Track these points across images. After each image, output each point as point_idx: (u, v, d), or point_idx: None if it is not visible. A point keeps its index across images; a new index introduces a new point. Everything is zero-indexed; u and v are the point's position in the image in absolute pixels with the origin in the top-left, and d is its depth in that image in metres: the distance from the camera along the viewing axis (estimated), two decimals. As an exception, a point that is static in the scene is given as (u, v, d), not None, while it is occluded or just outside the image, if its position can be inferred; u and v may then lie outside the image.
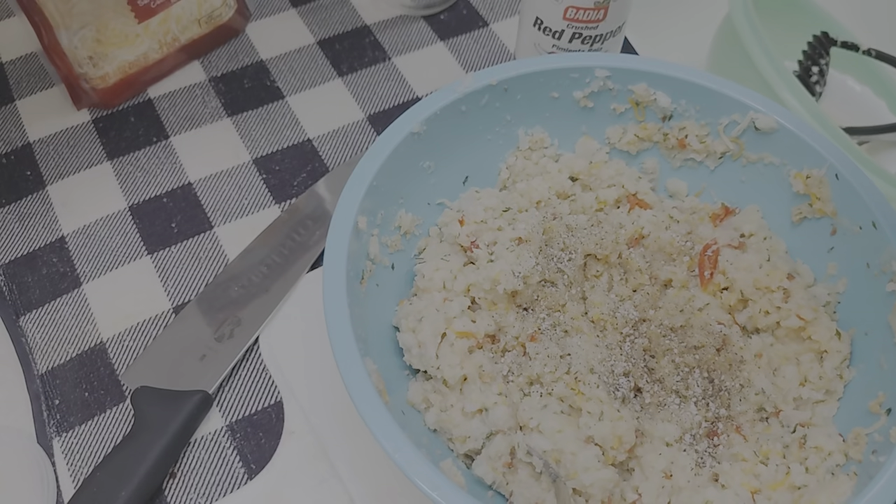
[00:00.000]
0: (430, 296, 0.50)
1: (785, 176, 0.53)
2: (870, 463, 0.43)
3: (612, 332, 0.50)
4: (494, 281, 0.50)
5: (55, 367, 0.55)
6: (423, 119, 0.51)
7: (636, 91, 0.54)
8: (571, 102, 0.55)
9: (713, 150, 0.55)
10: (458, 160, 0.55)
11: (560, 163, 0.57)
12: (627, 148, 0.57)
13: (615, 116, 0.56)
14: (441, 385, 0.48)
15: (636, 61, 0.54)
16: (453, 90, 0.52)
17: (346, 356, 0.42)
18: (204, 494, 0.50)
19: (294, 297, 0.57)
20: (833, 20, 0.72)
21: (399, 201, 0.52)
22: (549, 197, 0.56)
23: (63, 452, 0.51)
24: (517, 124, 0.56)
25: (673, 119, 0.55)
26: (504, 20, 0.74)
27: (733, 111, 0.53)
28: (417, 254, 0.54)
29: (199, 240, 0.61)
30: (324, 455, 0.51)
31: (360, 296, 0.47)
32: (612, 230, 0.53)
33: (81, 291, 0.58)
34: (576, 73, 0.54)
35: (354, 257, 0.47)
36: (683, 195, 0.57)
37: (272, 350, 0.55)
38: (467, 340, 0.49)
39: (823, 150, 0.50)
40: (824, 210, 0.51)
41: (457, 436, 0.47)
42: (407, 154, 0.51)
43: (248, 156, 0.65)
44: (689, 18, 0.75)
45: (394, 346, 0.50)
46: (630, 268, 0.53)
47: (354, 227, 0.47)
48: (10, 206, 0.62)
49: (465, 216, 0.53)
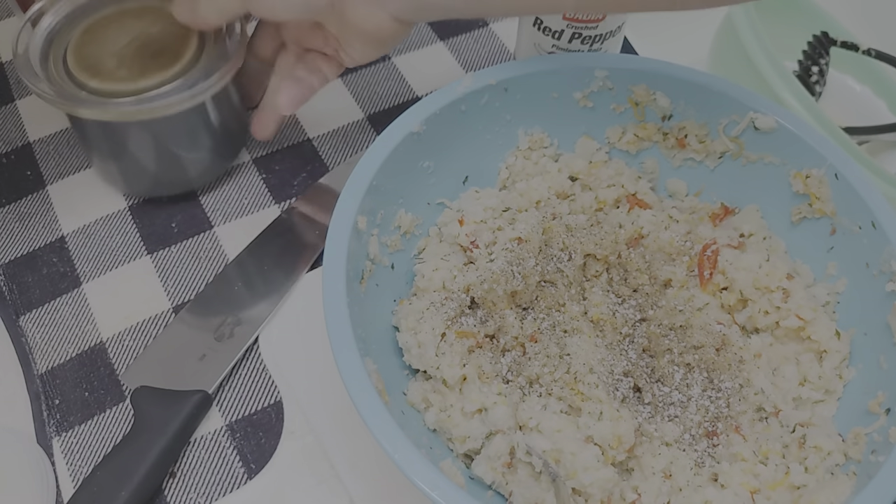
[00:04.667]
0: (429, 296, 0.50)
1: (785, 176, 0.53)
2: (869, 462, 0.43)
3: (611, 332, 0.50)
4: (493, 280, 0.50)
5: (55, 366, 0.55)
6: (423, 119, 0.51)
7: (636, 91, 0.54)
8: (571, 102, 0.55)
9: (713, 150, 0.55)
10: (458, 160, 0.55)
11: (560, 162, 0.57)
12: (627, 148, 0.57)
13: (615, 116, 0.56)
14: (441, 385, 0.48)
15: (636, 61, 0.54)
16: (453, 90, 0.52)
17: (345, 356, 0.42)
18: (204, 494, 0.50)
19: (294, 297, 0.57)
20: (833, 20, 0.72)
21: (399, 201, 0.52)
22: (549, 197, 0.56)
23: (63, 452, 0.51)
24: (517, 124, 0.56)
25: (672, 119, 0.55)
26: (504, 20, 0.74)
27: (733, 111, 0.53)
28: (417, 254, 0.54)
29: (199, 240, 0.61)
30: (323, 455, 0.51)
31: (359, 296, 0.47)
32: (612, 230, 0.53)
33: (81, 291, 0.58)
34: (575, 73, 0.54)
35: (354, 257, 0.47)
36: (683, 195, 0.57)
37: (272, 350, 0.55)
38: (467, 340, 0.49)
39: (823, 149, 0.50)
40: (824, 210, 0.51)
41: (456, 436, 0.47)
42: (407, 154, 0.51)
43: (247, 155, 0.65)
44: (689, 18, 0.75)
45: (393, 346, 0.50)
46: (630, 268, 0.53)
47: (354, 227, 0.47)
48: (10, 206, 0.62)
49: (465, 216, 0.53)
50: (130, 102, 0.53)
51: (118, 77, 0.54)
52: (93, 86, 0.54)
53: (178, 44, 0.56)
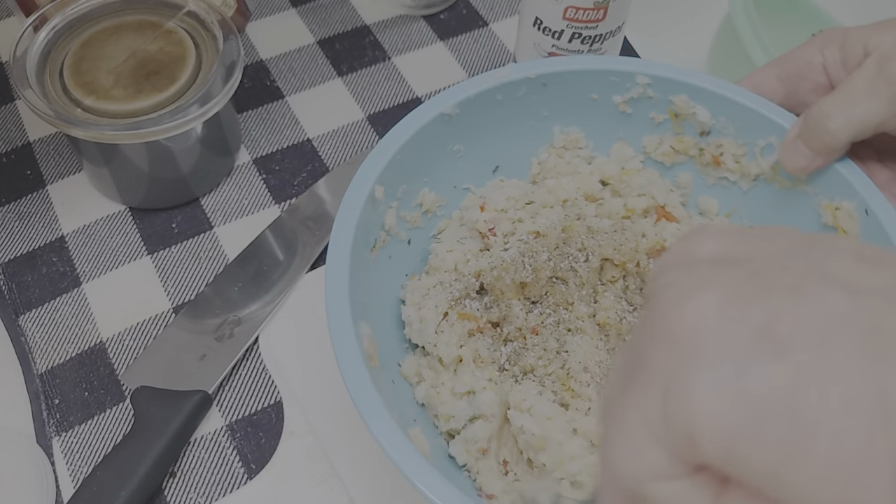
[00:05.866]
0: (440, 275, 0.51)
1: (815, 206, 0.50)
2: None
3: (615, 337, 0.50)
4: (503, 268, 0.49)
5: (55, 366, 0.55)
6: (457, 102, 0.51)
7: (676, 102, 0.53)
8: (610, 106, 0.54)
9: (747, 172, 0.53)
10: (490, 148, 0.55)
11: (592, 165, 0.56)
12: (662, 159, 0.56)
13: (653, 125, 0.55)
14: (436, 363, 0.48)
15: (679, 72, 0.52)
16: (490, 78, 0.52)
17: (337, 315, 0.42)
18: (204, 494, 0.50)
19: (294, 297, 0.57)
20: (833, 20, 0.72)
21: (423, 179, 0.52)
22: (577, 198, 0.55)
23: (63, 452, 0.51)
24: (553, 121, 0.55)
25: (711, 135, 0.53)
26: (504, 20, 0.75)
27: (771, 133, 0.51)
28: (437, 234, 0.54)
29: (199, 240, 0.61)
30: (323, 455, 0.51)
31: (368, 262, 0.48)
32: (634, 238, 0.52)
33: (81, 291, 0.58)
34: (617, 76, 0.53)
35: (367, 224, 0.47)
36: (714, 214, 0.56)
37: (272, 350, 0.55)
38: (468, 323, 0.49)
39: (856, 182, 0.48)
40: None
41: (442, 413, 0.47)
42: (436, 134, 0.51)
43: (247, 156, 0.65)
44: (689, 18, 0.75)
45: (398, 318, 0.51)
46: (647, 278, 0.52)
47: (371, 195, 0.47)
48: (10, 206, 0.62)
49: (487, 203, 0.53)
50: (124, 126, 0.53)
51: (114, 97, 0.55)
52: (88, 104, 0.54)
53: (174, 64, 0.56)
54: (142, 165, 0.57)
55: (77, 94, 0.54)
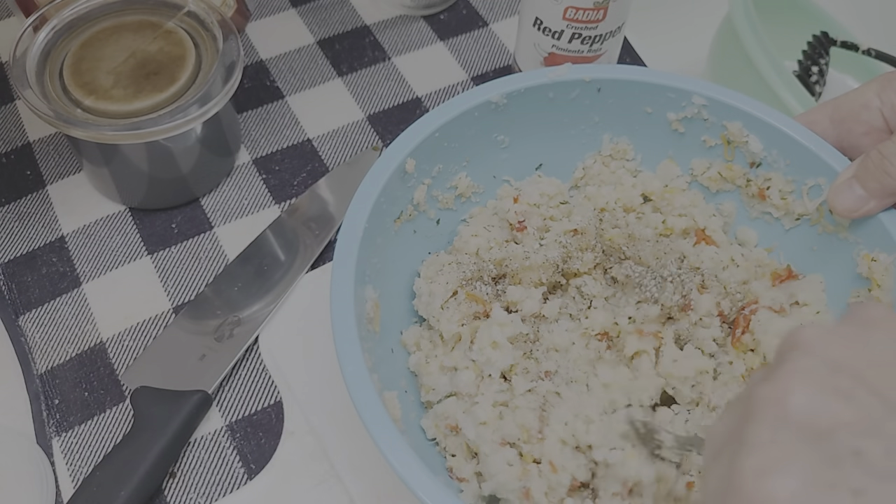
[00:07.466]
0: (460, 256, 0.51)
1: (854, 255, 0.49)
2: None
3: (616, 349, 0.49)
4: (543, 268, 0.49)
5: (55, 366, 0.55)
6: (505, 93, 0.51)
7: (730, 128, 0.52)
8: (663, 122, 0.53)
9: (792, 210, 0.52)
10: (535, 145, 0.54)
11: (637, 178, 0.55)
12: (708, 184, 0.54)
13: (704, 149, 0.54)
14: (437, 337, 0.49)
15: (736, 97, 0.51)
16: (542, 74, 0.51)
17: (342, 274, 0.43)
18: (204, 494, 0.50)
19: (294, 297, 0.57)
20: (833, 20, 0.72)
21: (462, 163, 0.53)
22: (615, 208, 0.54)
23: (62, 452, 0.51)
24: (604, 128, 0.55)
25: (761, 167, 0.52)
26: (504, 20, 0.75)
27: (821, 174, 0.49)
28: (468, 219, 0.55)
29: (199, 240, 0.61)
30: (323, 455, 0.51)
31: (389, 230, 0.48)
32: (672, 254, 0.51)
33: (81, 291, 0.58)
34: (674, 93, 0.52)
35: (393, 194, 0.48)
36: (752, 246, 0.54)
37: (272, 350, 0.55)
38: (475, 305, 0.49)
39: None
40: (881, 299, 0.47)
41: (425, 384, 0.48)
42: (480, 120, 0.51)
43: (247, 156, 0.65)
44: (689, 19, 0.75)
45: (411, 291, 0.51)
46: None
47: (401, 166, 0.48)
48: (10, 206, 0.62)
49: (521, 196, 0.53)
50: (124, 126, 0.53)
51: (113, 97, 0.55)
52: (88, 104, 0.54)
53: (174, 65, 0.56)
54: (142, 166, 0.57)
55: (77, 95, 0.55)
